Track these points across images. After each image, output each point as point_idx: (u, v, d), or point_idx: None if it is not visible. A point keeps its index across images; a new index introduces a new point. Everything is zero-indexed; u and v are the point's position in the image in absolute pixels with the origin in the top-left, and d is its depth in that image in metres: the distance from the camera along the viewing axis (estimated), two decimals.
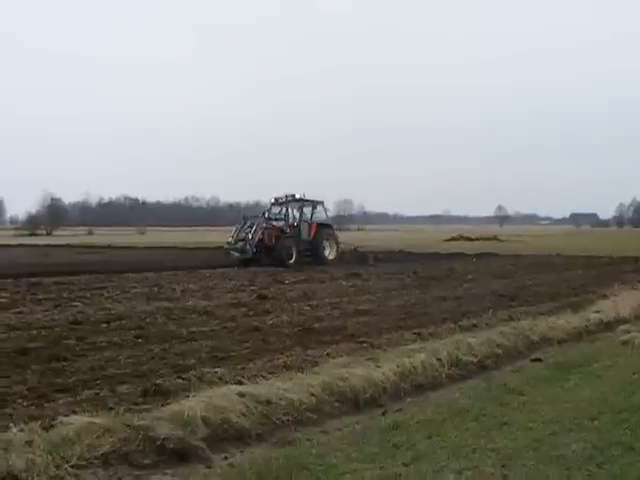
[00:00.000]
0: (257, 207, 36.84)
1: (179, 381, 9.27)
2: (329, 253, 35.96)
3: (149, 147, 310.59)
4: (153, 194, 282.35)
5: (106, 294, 19.42)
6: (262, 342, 12.35)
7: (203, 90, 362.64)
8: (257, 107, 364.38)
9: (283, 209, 36.01)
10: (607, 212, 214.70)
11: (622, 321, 15.48)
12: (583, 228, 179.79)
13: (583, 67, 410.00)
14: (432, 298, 19.55)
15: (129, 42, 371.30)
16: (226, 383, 8.65)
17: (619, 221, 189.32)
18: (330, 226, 37.71)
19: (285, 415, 7.84)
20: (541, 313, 15.96)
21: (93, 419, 6.79)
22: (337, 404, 8.54)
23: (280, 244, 33.26)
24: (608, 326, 15.11)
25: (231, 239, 34.05)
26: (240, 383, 8.60)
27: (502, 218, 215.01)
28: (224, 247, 34.53)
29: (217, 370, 9.81)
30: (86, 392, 8.76)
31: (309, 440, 7.30)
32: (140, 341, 12.26)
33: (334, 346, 11.95)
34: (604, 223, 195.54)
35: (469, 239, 75.18)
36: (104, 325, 13.92)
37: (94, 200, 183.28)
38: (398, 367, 9.74)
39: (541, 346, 12.90)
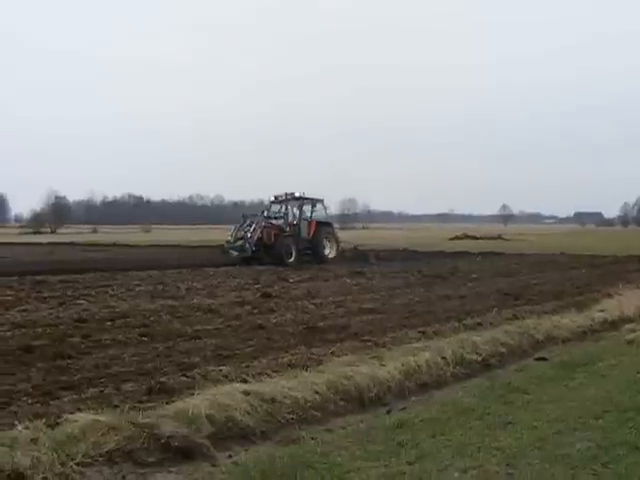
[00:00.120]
0: (261, 205, 36.71)
1: (184, 379, 9.28)
2: (329, 252, 35.88)
3: (153, 146, 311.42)
4: (157, 192, 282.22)
5: (111, 292, 19.44)
6: (266, 340, 12.35)
7: (204, 89, 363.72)
8: (258, 106, 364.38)
9: (283, 207, 35.93)
10: (612, 211, 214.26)
11: (627, 320, 15.46)
12: (587, 227, 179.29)
13: (585, 64, 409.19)
14: (436, 297, 19.54)
15: (130, 42, 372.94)
16: (231, 381, 8.66)
17: (624, 220, 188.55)
18: (330, 224, 37.64)
19: (290, 413, 7.84)
20: (545, 312, 15.94)
21: (98, 417, 6.79)
22: (342, 402, 8.54)
23: (279, 243, 33.17)
24: (613, 325, 15.10)
25: (230, 238, 33.95)
26: (245, 381, 8.60)
27: (506, 217, 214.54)
28: (223, 246, 34.39)
29: (222, 368, 9.83)
30: (91, 390, 8.78)
31: (314, 438, 7.29)
32: (145, 339, 12.27)
33: (338, 344, 11.94)
34: (609, 222, 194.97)
35: (473, 238, 75.10)
36: (109, 323, 13.94)
37: (98, 198, 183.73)
38: (403, 366, 9.73)
39: (546, 345, 12.88)
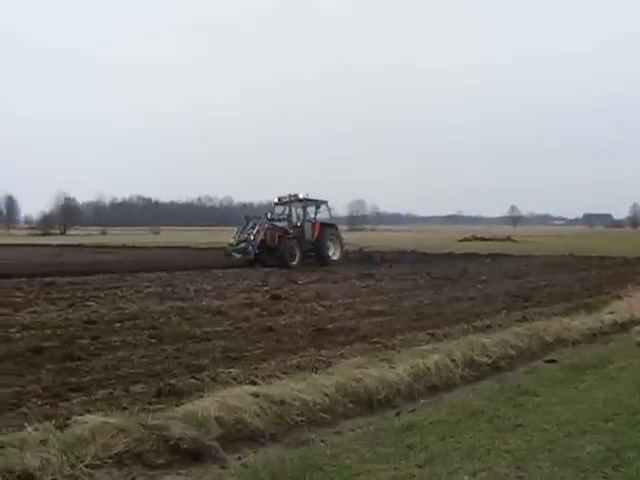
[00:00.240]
0: (269, 207, 36.63)
1: (193, 381, 9.30)
2: (333, 253, 35.54)
3: (162, 147, 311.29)
4: (166, 194, 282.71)
5: (120, 294, 19.48)
6: (276, 342, 12.36)
7: (209, 89, 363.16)
8: (263, 107, 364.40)
9: (286, 209, 35.72)
10: (621, 212, 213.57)
11: (636, 322, 15.43)
12: (597, 228, 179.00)
13: (591, 64, 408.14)
14: (446, 299, 19.53)
15: (131, 42, 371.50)
16: (240, 383, 8.65)
17: (633, 221, 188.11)
18: (334, 226, 37.23)
19: (299, 416, 7.84)
20: (555, 314, 15.91)
21: (107, 419, 6.80)
22: (351, 405, 8.53)
23: (283, 245, 32.89)
24: (622, 327, 15.06)
25: (233, 240, 33.71)
26: (254, 383, 8.60)
27: (515, 218, 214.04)
28: (226, 248, 34.10)
29: (231, 370, 9.84)
30: (100, 392, 8.80)
31: (323, 441, 7.28)
32: (154, 341, 12.29)
33: (347, 347, 11.95)
34: (618, 223, 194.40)
35: (482, 239, 74.98)
36: (118, 325, 13.96)
37: (107, 200, 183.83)
38: (412, 368, 9.72)
39: (555, 347, 12.86)
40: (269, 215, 35.07)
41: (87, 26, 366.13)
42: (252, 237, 32.34)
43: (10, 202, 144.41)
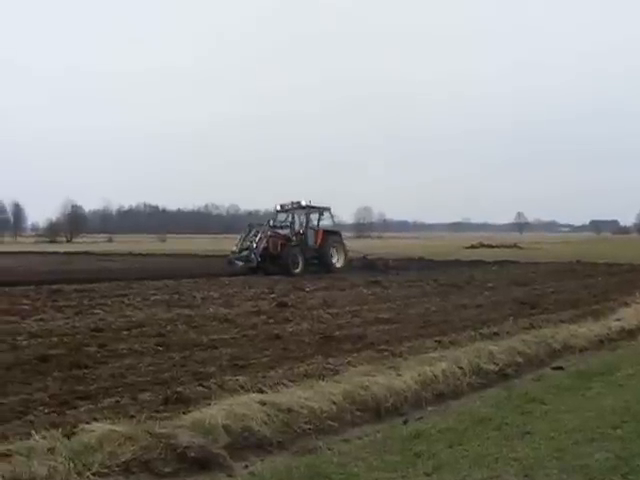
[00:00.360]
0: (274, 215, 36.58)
1: (200, 389, 9.28)
2: (337, 261, 35.35)
3: (169, 155, 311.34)
4: (173, 202, 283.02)
5: (127, 301, 19.48)
6: (283, 350, 12.34)
7: (219, 96, 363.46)
8: (270, 114, 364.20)
9: (289, 216, 35.53)
10: (628, 219, 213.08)
11: None
12: (603, 235, 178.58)
13: (599, 69, 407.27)
14: (453, 306, 19.50)
15: (135, 52, 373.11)
16: (247, 391, 8.65)
17: None
18: (338, 233, 37.12)
19: (306, 423, 7.82)
20: (562, 321, 15.89)
21: (114, 427, 6.80)
22: (358, 413, 8.51)
23: (286, 252, 32.75)
24: (630, 334, 15.02)
25: (235, 248, 33.54)
26: (261, 391, 8.59)
27: (522, 225, 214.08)
28: (228, 256, 33.93)
29: (238, 378, 9.81)
30: (107, 399, 8.79)
31: (330, 449, 7.27)
32: (161, 349, 12.27)
33: (355, 354, 11.94)
34: (625, 230, 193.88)
35: (489, 246, 74.97)
36: (125, 332, 13.96)
37: (114, 208, 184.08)
38: (419, 375, 9.70)
39: (563, 354, 12.82)
40: (271, 222, 34.95)
41: (90, 38, 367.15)
42: (254, 245, 32.19)
43: (17, 210, 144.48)
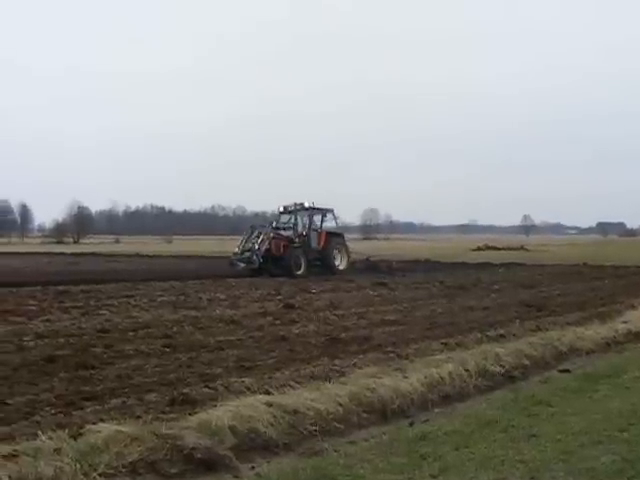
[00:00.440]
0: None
1: (206, 390, 9.28)
2: (339, 262, 35.19)
3: (176, 156, 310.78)
4: (180, 203, 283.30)
5: (133, 302, 19.51)
6: (289, 352, 12.34)
7: (224, 98, 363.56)
8: (277, 117, 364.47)
9: (292, 218, 35.26)
10: (634, 221, 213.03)
11: None
12: (610, 237, 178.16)
13: (604, 71, 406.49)
14: (459, 308, 19.49)
15: (136, 54, 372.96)
16: (253, 393, 8.66)
17: None
18: (341, 235, 36.97)
19: (312, 425, 7.82)
20: (569, 323, 15.89)
21: (121, 427, 6.81)
22: (364, 414, 8.52)
23: (288, 254, 32.60)
24: (637, 336, 15.00)
25: (237, 249, 33.40)
26: (267, 393, 8.59)
27: (528, 227, 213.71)
28: (230, 257, 33.82)
29: (244, 380, 9.82)
30: (114, 400, 8.80)
31: (336, 451, 7.28)
32: (167, 350, 12.28)
33: (361, 356, 11.93)
34: (631, 232, 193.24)
35: (496, 249, 74.77)
36: (131, 333, 13.97)
37: (121, 209, 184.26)
38: (425, 377, 9.70)
39: (569, 357, 12.81)
40: (274, 224, 34.88)
41: (90, 38, 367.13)
42: (257, 246, 32.03)
43: (24, 210, 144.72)
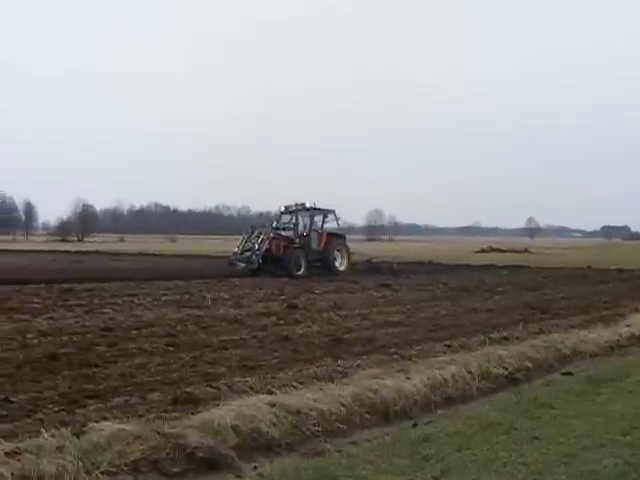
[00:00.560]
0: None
1: (209, 389, 9.28)
2: (340, 264, 35.00)
3: (181, 155, 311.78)
4: (184, 202, 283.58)
5: (137, 301, 19.53)
6: (292, 352, 12.34)
7: (231, 97, 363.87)
8: (282, 117, 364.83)
9: (293, 218, 35.09)
10: (639, 225, 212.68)
11: None
12: (614, 241, 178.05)
13: (607, 76, 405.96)
14: (463, 310, 19.48)
15: (140, 54, 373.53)
16: (256, 392, 8.65)
17: None
18: (342, 236, 36.77)
19: (315, 426, 7.81)
20: (572, 326, 15.87)
21: (123, 426, 6.80)
22: (367, 415, 8.50)
23: (288, 254, 32.40)
24: None
25: (237, 249, 33.23)
26: (270, 393, 8.59)
27: (533, 230, 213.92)
28: (229, 257, 33.68)
29: (247, 379, 9.83)
30: (116, 399, 8.80)
31: (339, 451, 7.28)
32: (170, 349, 12.29)
33: (364, 357, 11.93)
34: (636, 236, 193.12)
35: (500, 251, 74.70)
36: (135, 332, 13.98)
37: (125, 207, 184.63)
38: (428, 379, 9.69)
39: (572, 359, 12.79)
40: (274, 224, 34.75)
41: (96, 40, 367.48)
42: (257, 246, 31.89)
43: (29, 208, 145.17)
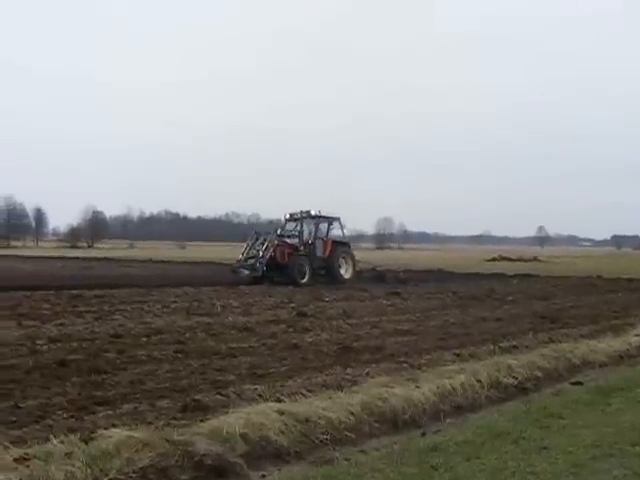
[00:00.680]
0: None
1: (218, 397, 9.28)
2: (345, 272, 34.84)
3: (192, 162, 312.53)
4: (194, 209, 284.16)
5: (146, 308, 19.54)
6: (301, 360, 12.33)
7: (238, 103, 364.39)
8: (291, 127, 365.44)
9: (298, 225, 34.95)
10: None
11: None
12: (624, 250, 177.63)
13: (620, 86, 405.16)
14: (472, 319, 19.43)
15: (152, 64, 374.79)
16: (265, 400, 8.65)
17: None
18: (347, 244, 36.57)
19: (324, 434, 7.80)
20: (582, 335, 15.83)
21: (132, 433, 6.80)
22: (376, 424, 8.49)
23: (293, 262, 32.20)
24: None
25: (242, 256, 33.08)
26: (279, 401, 8.59)
27: (543, 239, 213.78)
28: (232, 265, 33.57)
29: (256, 387, 9.83)
30: (125, 406, 8.81)
31: (347, 460, 7.26)
32: (180, 356, 12.29)
33: (373, 365, 11.91)
34: None
35: (509, 260, 74.61)
36: (144, 339, 13.99)
37: (135, 214, 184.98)
38: (438, 388, 9.67)
39: (582, 369, 12.74)
40: (279, 231, 34.68)
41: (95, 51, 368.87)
42: (261, 254, 31.74)
43: (39, 214, 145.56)
